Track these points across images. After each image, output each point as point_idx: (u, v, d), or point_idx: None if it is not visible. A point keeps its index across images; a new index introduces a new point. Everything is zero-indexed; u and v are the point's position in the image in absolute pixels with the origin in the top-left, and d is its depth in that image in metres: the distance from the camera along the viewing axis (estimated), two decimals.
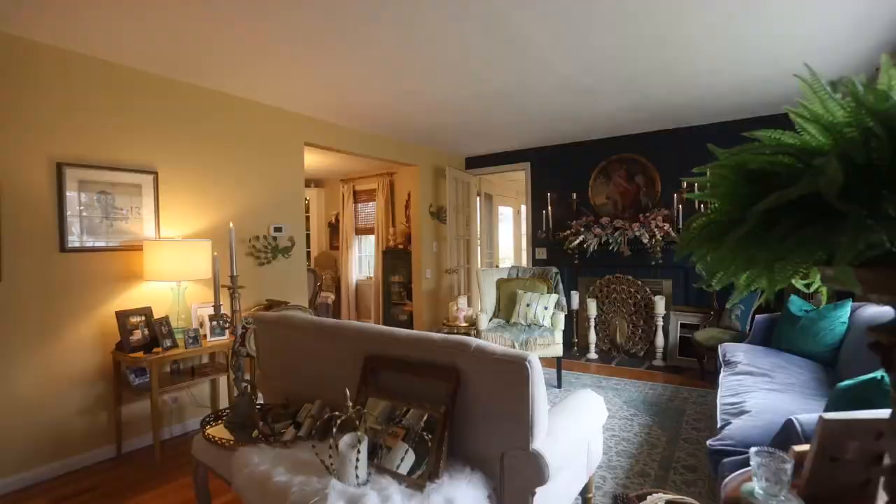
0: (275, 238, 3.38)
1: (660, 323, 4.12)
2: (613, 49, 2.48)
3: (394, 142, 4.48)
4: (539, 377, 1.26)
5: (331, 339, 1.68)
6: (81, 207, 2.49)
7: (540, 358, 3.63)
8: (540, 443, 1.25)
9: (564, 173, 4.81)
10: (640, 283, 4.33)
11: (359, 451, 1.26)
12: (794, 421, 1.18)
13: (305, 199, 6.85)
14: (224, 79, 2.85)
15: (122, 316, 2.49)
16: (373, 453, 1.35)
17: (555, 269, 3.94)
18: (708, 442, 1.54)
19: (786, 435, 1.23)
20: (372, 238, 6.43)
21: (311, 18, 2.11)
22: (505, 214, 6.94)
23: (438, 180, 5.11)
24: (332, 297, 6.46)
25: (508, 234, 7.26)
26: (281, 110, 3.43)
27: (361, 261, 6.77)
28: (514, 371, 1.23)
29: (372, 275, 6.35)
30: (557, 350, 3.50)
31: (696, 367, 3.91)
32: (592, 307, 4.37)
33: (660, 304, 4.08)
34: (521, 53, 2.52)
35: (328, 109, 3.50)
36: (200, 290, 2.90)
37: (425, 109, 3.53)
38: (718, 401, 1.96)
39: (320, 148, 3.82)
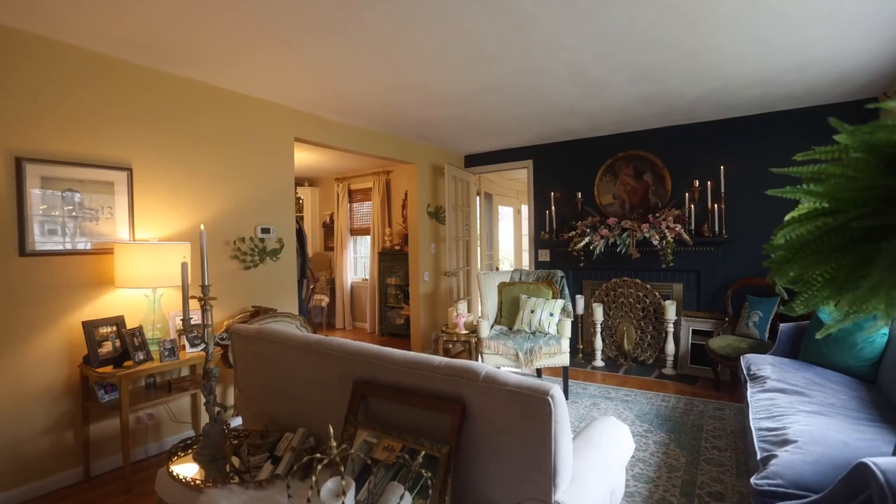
0: (262, 240, 3.16)
1: (670, 329, 3.92)
2: (630, 35, 2.27)
3: (390, 138, 4.26)
4: (563, 415, 1.05)
5: (315, 359, 1.46)
6: (45, 207, 2.26)
7: (545, 367, 3.37)
8: (563, 493, 1.03)
9: (568, 171, 4.60)
10: (648, 286, 4.12)
11: (343, 502, 1.04)
12: (873, 468, 0.96)
13: (299, 198, 6.62)
14: (207, 69, 2.62)
15: (89, 326, 2.26)
16: (363, 476, 1.14)
17: (560, 273, 3.73)
18: (753, 480, 1.33)
19: (858, 481, 1.02)
20: (368, 239, 6.20)
21: (301, 5, 1.89)
22: (505, 215, 6.73)
23: (437, 179, 4.89)
24: (327, 299, 6.24)
25: (508, 235, 7.05)
26: (269, 104, 3.20)
27: (357, 262, 6.54)
28: (533, 407, 1.01)
29: (367, 277, 6.12)
30: (564, 359, 3.29)
31: (709, 377, 3.71)
32: (599, 312, 4.16)
33: (670, 309, 3.88)
34: (527, 39, 2.30)
35: (320, 103, 3.28)
36: (179, 296, 2.67)
37: (423, 103, 3.31)
38: (752, 424, 1.75)
39: (311, 144, 3.59)
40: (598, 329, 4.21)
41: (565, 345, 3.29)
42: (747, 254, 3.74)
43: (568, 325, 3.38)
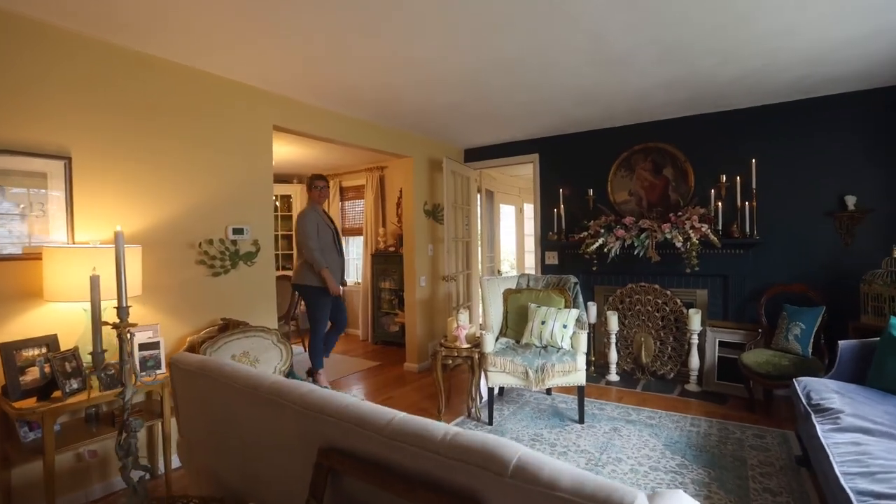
0: (234, 242, 2.74)
1: (694, 341, 3.53)
2: (663, 3, 1.87)
3: (382, 129, 3.84)
4: None
5: (270, 411, 1.05)
6: None
7: (558, 387, 2.93)
8: None
9: (579, 166, 4.20)
10: (668, 293, 3.73)
11: None
12: None
13: (288, 196, 6.19)
14: (169, 43, 2.21)
15: (8, 350, 1.84)
16: None
17: (573, 279, 3.33)
18: None
19: None
20: (360, 239, 5.79)
21: None
22: (506, 214, 6.32)
23: (434, 174, 4.48)
24: None
25: (510, 236, 6.64)
26: (243, 86, 2.78)
27: (349, 264, 6.12)
28: None
29: (360, 280, 5.71)
30: (580, 378, 2.89)
31: (741, 395, 3.32)
32: (613, 321, 3.77)
33: (695, 318, 3.48)
34: (545, 5, 1.90)
35: (301, 86, 2.86)
36: (131, 309, 2.25)
37: (419, 86, 2.90)
38: (844, 484, 1.35)
39: (292, 133, 3.18)
40: (613, 340, 3.82)
41: (581, 361, 2.89)
42: (783, 257, 3.35)
43: (584, 338, 2.98)
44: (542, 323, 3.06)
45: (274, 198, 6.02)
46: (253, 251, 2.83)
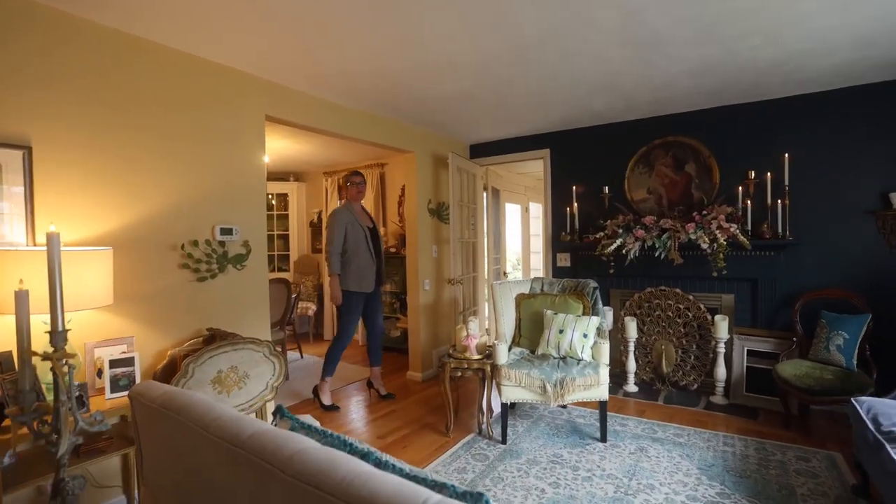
0: (222, 243, 2.47)
1: (721, 350, 3.28)
2: None
3: (383, 121, 3.58)
4: None
5: (252, 473, 0.79)
6: None
7: (577, 402, 2.67)
8: None
9: (593, 162, 3.95)
10: (691, 297, 3.48)
11: None
12: None
13: (284, 195, 5.92)
14: (148, 20, 1.94)
15: None
16: None
17: (592, 284, 3.07)
18: None
19: None
20: None
21: None
22: (511, 213, 6.07)
23: (438, 171, 4.22)
24: (314, 307, 5.55)
25: (515, 237, 6.39)
26: (232, 71, 2.51)
27: None
28: None
29: None
30: (602, 392, 2.63)
31: (772, 409, 3.08)
32: (632, 328, 3.52)
33: (721, 325, 3.23)
34: None
35: (297, 72, 2.59)
36: (101, 320, 1.99)
37: (425, 72, 2.63)
38: None
39: (286, 124, 2.91)
40: (632, 348, 3.57)
41: (604, 374, 2.64)
42: (818, 259, 3.10)
43: (606, 349, 2.73)
44: (560, 332, 2.80)
45: (269, 196, 5.78)
46: (243, 253, 2.56)
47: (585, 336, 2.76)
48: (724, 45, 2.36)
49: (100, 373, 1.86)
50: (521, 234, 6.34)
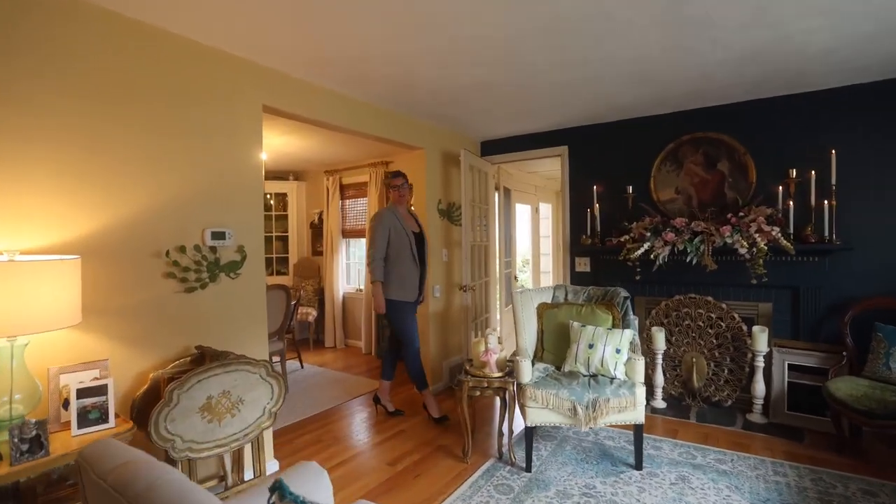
0: (213, 249, 2.19)
1: (759, 363, 3.01)
2: None
3: (392, 115, 3.30)
4: None
5: None
6: None
7: (611, 426, 2.33)
8: None
9: (615, 160, 3.68)
10: (724, 306, 3.21)
11: None
12: None
13: (283, 195, 5.65)
14: None
15: None
16: None
17: (623, 293, 2.80)
18: None
19: None
20: (363, 242, 5.24)
21: None
22: (521, 213, 5.79)
23: (449, 169, 3.95)
24: (314, 313, 5.27)
25: (525, 238, 6.12)
26: (226, 56, 2.24)
27: (350, 269, 5.58)
28: None
29: (363, 287, 5.17)
30: (638, 415, 2.36)
31: (818, 430, 2.81)
32: (660, 339, 3.25)
33: (760, 337, 2.96)
34: None
35: (298, 57, 2.32)
36: (68, 341, 1.70)
37: (440, 57, 2.36)
38: None
39: (286, 116, 2.63)
40: (660, 360, 3.29)
41: (641, 395, 2.37)
42: (869, 266, 2.84)
43: (641, 366, 2.46)
44: (590, 346, 2.53)
45: (267, 195, 5.50)
46: (237, 260, 2.28)
47: (618, 351, 2.49)
48: (777, 29, 2.10)
49: (66, 403, 1.58)
50: (530, 236, 6.07)
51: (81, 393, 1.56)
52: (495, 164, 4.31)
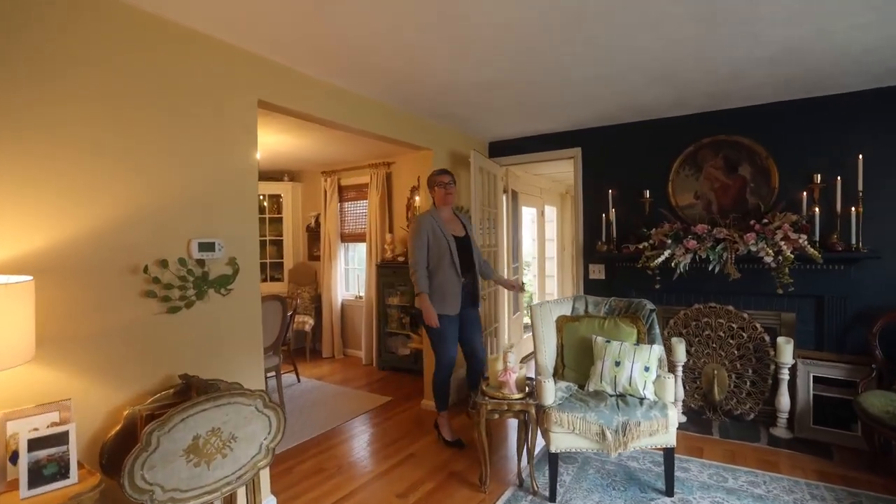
0: (201, 262, 1.95)
1: (784, 376, 2.88)
2: None
3: (398, 113, 3.09)
4: None
5: None
6: None
7: (638, 448, 1.87)
8: None
9: (632, 163, 3.52)
10: (745, 316, 3.07)
11: None
12: None
13: (278, 196, 5.38)
14: None
15: None
16: None
17: (649, 305, 2.64)
18: None
19: None
20: (363, 247, 5.02)
21: None
22: (526, 217, 5.61)
23: (457, 171, 3.73)
24: (311, 322, 5.02)
25: (529, 243, 5.94)
26: (218, 43, 2.00)
27: (349, 274, 5.35)
28: None
29: (363, 294, 4.94)
30: (670, 438, 2.20)
31: (846, 445, 2.69)
32: (680, 350, 3.09)
33: (786, 349, 2.83)
34: None
35: (300, 46, 2.10)
36: (19, 380, 1.43)
37: (456, 51, 2.16)
38: None
39: (285, 112, 2.40)
40: (679, 373, 3.14)
41: (673, 417, 2.20)
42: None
43: (671, 384, 2.30)
44: (617, 364, 2.35)
45: (260, 197, 5.23)
46: (229, 274, 2.05)
47: (647, 370, 2.32)
48: (821, 24, 1.94)
49: (14, 457, 1.30)
50: (536, 240, 5.90)
51: (34, 444, 1.28)
52: (503, 167, 4.13)
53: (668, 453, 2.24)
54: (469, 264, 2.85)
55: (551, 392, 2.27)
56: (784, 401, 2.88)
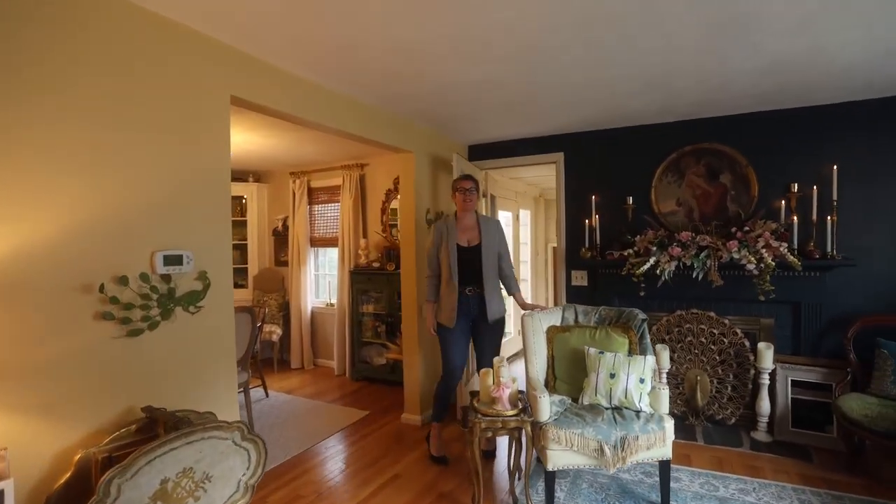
0: (167, 277, 1.70)
1: (765, 381, 2.94)
2: None
3: (378, 112, 2.91)
4: None
5: None
6: None
7: (635, 462, 1.82)
8: None
9: (614, 168, 3.51)
10: (726, 322, 3.12)
11: None
12: None
13: (241, 198, 5.03)
14: None
15: None
16: None
17: (640, 315, 2.60)
18: None
19: None
20: (334, 252, 4.77)
21: None
22: (503, 221, 5.55)
23: (438, 175, 3.61)
24: (279, 331, 4.72)
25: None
26: (187, 31, 1.76)
27: (319, 281, 5.08)
28: None
29: (334, 301, 4.69)
30: (667, 451, 2.16)
31: (823, 447, 2.77)
32: (665, 357, 3.09)
33: (766, 354, 2.90)
34: None
35: (278, 39, 1.89)
36: None
37: (449, 48, 2.02)
38: None
39: (259, 110, 2.17)
40: (664, 378, 3.15)
41: (670, 429, 2.16)
42: (867, 281, 2.84)
43: (665, 395, 2.27)
44: (612, 376, 2.29)
45: None
46: (198, 290, 1.81)
47: (642, 381, 2.28)
48: (816, 38, 1.96)
49: None
50: (511, 243, 5.84)
51: None
52: (483, 170, 4.03)
53: (664, 465, 2.20)
54: (474, 276, 2.70)
55: (547, 408, 2.18)
56: (764, 405, 2.95)
